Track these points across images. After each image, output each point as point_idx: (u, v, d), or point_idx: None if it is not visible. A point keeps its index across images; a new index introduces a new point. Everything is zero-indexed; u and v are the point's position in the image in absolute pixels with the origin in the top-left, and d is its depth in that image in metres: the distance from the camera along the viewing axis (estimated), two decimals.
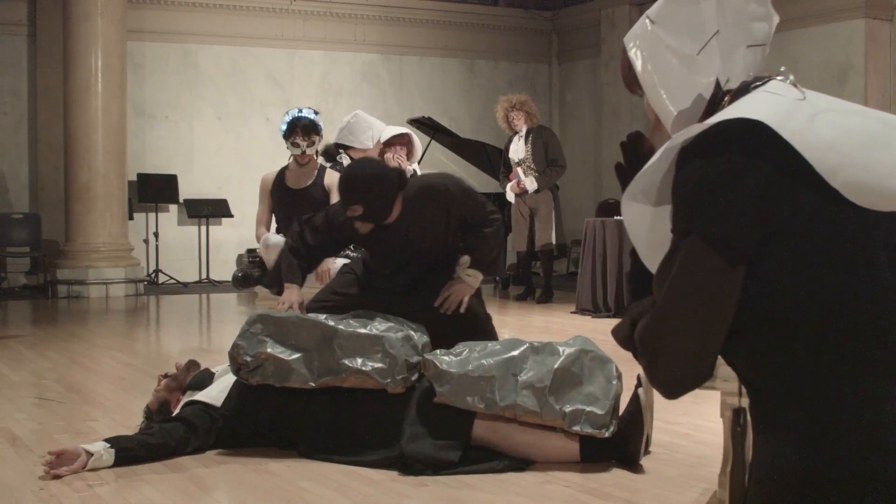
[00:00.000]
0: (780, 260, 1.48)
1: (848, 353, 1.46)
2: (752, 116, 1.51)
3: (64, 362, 6.38)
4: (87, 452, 3.62)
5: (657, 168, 1.62)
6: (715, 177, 1.50)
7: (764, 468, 1.51)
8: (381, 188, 4.24)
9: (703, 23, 1.69)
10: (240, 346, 3.89)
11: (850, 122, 1.55)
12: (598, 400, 3.66)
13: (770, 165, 1.49)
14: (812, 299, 1.47)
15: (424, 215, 4.35)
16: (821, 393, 1.46)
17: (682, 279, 1.52)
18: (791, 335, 1.48)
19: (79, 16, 10.95)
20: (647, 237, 1.70)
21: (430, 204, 4.35)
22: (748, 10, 1.73)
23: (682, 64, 1.70)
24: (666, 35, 1.72)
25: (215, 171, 12.78)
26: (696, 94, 1.67)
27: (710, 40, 1.68)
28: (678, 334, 1.53)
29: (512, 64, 14.65)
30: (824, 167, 1.47)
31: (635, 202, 1.68)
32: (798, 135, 1.49)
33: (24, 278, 12.10)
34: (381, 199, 4.25)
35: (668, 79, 1.71)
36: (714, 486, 2.88)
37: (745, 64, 1.72)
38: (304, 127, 5.88)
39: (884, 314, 1.47)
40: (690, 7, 1.70)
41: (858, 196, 1.48)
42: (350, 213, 4.28)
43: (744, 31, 1.72)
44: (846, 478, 1.43)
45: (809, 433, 1.46)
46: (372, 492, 3.43)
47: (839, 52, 10.98)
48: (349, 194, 4.26)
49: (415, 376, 3.85)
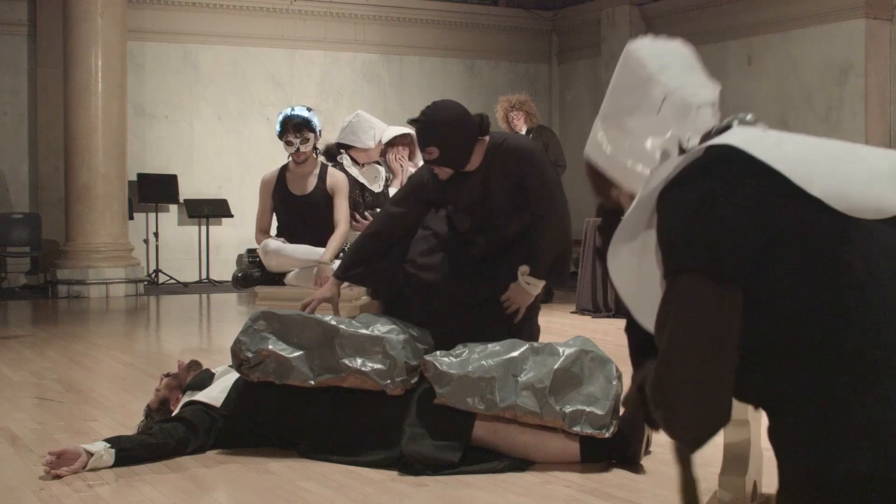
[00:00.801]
0: (775, 279, 1.48)
1: (852, 357, 1.46)
2: (722, 142, 1.54)
3: (64, 362, 6.38)
4: (87, 452, 3.62)
5: (637, 218, 1.64)
6: (697, 206, 1.51)
7: (802, 480, 1.49)
8: (458, 131, 4.15)
9: (651, 98, 1.78)
10: (242, 342, 3.90)
11: (814, 143, 1.60)
12: (598, 400, 3.66)
13: (749, 186, 1.51)
14: (813, 311, 1.47)
15: (505, 171, 4.21)
16: (831, 398, 1.46)
17: (683, 316, 1.51)
18: (797, 349, 1.48)
19: (79, 16, 10.95)
20: (635, 289, 1.70)
21: (511, 161, 4.21)
22: (689, 80, 1.81)
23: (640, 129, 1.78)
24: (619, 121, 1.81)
25: (215, 171, 12.78)
26: (661, 151, 1.71)
27: (662, 105, 1.76)
28: (689, 371, 1.51)
29: (512, 64, 14.65)
30: (799, 178, 1.50)
31: (620, 255, 1.69)
32: (768, 154, 1.52)
33: (24, 278, 12.10)
34: (458, 142, 4.15)
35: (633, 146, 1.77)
36: (714, 486, 2.88)
37: (699, 123, 1.77)
38: (295, 125, 5.76)
39: (882, 316, 1.47)
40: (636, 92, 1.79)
41: (839, 203, 1.49)
42: (427, 155, 4.19)
43: (690, 95, 1.79)
44: (852, 478, 1.43)
45: (831, 438, 1.46)
46: (372, 491, 3.43)
47: (839, 52, 10.97)
48: (426, 135, 4.16)
49: (414, 379, 3.85)
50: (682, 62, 1.83)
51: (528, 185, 4.20)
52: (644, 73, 1.78)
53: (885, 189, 1.53)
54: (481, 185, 4.23)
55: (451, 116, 4.17)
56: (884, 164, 1.57)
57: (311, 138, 5.79)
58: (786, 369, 1.49)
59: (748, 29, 11.84)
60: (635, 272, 1.68)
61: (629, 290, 1.71)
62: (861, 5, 10.76)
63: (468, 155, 4.19)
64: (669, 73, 1.78)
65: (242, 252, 12.57)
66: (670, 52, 1.84)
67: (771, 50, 11.63)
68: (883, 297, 1.48)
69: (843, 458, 1.44)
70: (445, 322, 4.21)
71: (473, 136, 4.19)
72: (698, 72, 1.85)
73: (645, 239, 1.65)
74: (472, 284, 4.29)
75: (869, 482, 1.42)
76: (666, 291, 1.55)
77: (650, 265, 1.64)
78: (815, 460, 1.46)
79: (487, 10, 14.53)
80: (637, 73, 1.79)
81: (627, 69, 1.82)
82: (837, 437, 1.45)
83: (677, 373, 1.52)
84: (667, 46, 1.85)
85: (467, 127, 4.17)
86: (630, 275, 1.70)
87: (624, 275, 1.71)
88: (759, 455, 2.88)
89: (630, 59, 1.82)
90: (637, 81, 1.79)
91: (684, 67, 1.82)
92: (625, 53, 1.84)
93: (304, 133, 5.74)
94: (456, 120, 4.16)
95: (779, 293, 1.48)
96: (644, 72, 1.78)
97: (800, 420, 1.48)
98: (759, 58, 11.79)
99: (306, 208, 5.79)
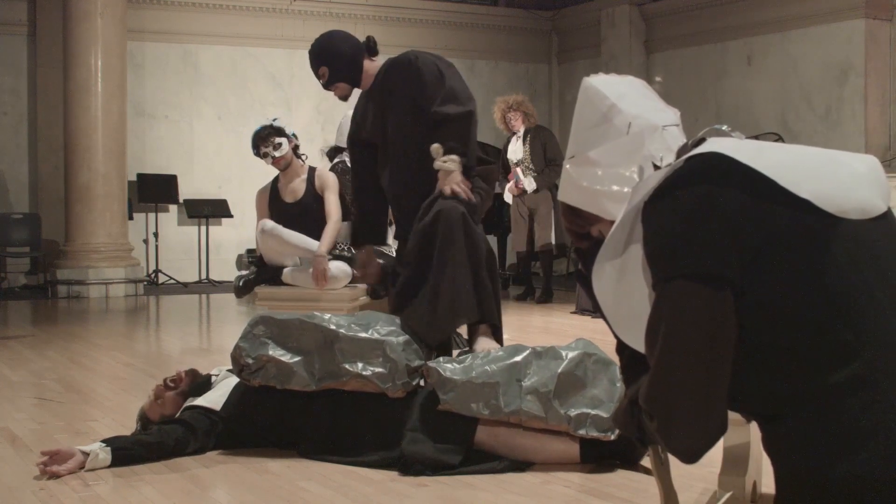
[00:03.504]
0: (766, 282, 1.48)
1: (847, 358, 1.46)
2: (706, 150, 1.55)
3: (64, 362, 6.37)
4: (82, 453, 3.61)
5: (620, 234, 1.63)
6: (685, 212, 1.51)
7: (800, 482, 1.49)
8: (342, 48, 4.55)
9: (617, 126, 1.82)
10: (242, 348, 3.89)
11: (793, 149, 1.62)
12: (602, 403, 3.65)
13: (736, 190, 1.51)
14: (806, 312, 1.47)
15: (395, 84, 4.49)
16: (827, 400, 1.46)
17: (676, 322, 1.50)
18: (793, 353, 1.48)
19: (79, 15, 10.95)
20: (616, 307, 1.70)
21: (398, 73, 4.49)
22: (649, 106, 1.87)
23: (611, 156, 1.84)
24: (588, 156, 1.85)
25: (215, 172, 12.77)
26: (637, 168, 1.74)
27: (629, 128, 1.81)
28: (684, 378, 1.50)
29: (512, 64, 14.65)
30: (786, 182, 1.50)
31: (604, 274, 1.69)
32: (752, 160, 1.53)
33: (24, 278, 12.10)
34: (344, 58, 4.54)
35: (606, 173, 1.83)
36: (714, 486, 2.88)
37: (669, 141, 1.81)
38: (262, 137, 6.01)
39: (873, 315, 1.48)
40: (601, 125, 1.84)
41: (828, 204, 1.50)
42: (321, 80, 4.62)
43: (654, 118, 1.84)
44: (851, 480, 1.43)
45: (828, 439, 1.45)
46: (372, 492, 3.42)
47: (839, 52, 10.97)
48: (314, 60, 4.63)
49: (416, 381, 3.85)
50: (637, 92, 1.88)
51: (422, 93, 4.40)
52: (606, 102, 1.83)
53: (867, 190, 1.56)
54: (379, 102, 4.54)
55: (333, 37, 4.65)
56: (861, 167, 1.60)
57: (282, 143, 6.01)
58: (781, 372, 1.49)
59: (748, 29, 11.83)
60: (616, 289, 1.68)
61: (612, 309, 1.70)
62: (861, 5, 10.76)
63: (358, 71, 4.57)
64: (628, 101, 1.84)
65: (242, 252, 12.57)
66: (626, 84, 1.90)
67: (771, 50, 11.63)
68: (871, 297, 1.48)
69: (841, 459, 1.44)
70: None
71: (359, 52, 4.57)
72: (656, 99, 1.90)
73: (627, 255, 1.64)
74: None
75: (867, 483, 1.42)
76: (656, 300, 1.53)
77: (630, 282, 1.64)
78: (813, 462, 1.46)
79: (487, 10, 14.53)
80: (598, 105, 1.84)
81: (589, 103, 1.87)
82: (835, 439, 1.45)
83: (672, 379, 1.51)
84: (622, 80, 1.91)
85: (352, 44, 4.59)
86: (612, 290, 1.69)
87: (608, 294, 1.70)
88: (758, 455, 2.87)
89: (590, 93, 1.87)
90: (599, 114, 1.84)
91: (641, 95, 1.88)
92: (582, 89, 1.89)
93: (273, 140, 5.99)
94: (339, 39, 4.62)
95: (771, 296, 1.48)
96: (606, 102, 1.83)
97: (797, 422, 1.48)
98: (758, 58, 11.79)
99: (300, 213, 5.88)
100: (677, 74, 12.82)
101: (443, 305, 4.14)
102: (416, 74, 4.41)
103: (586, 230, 1.86)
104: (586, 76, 1.92)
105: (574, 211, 1.86)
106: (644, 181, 1.61)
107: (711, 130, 1.69)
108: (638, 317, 1.59)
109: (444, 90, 4.36)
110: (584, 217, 1.84)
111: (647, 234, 1.55)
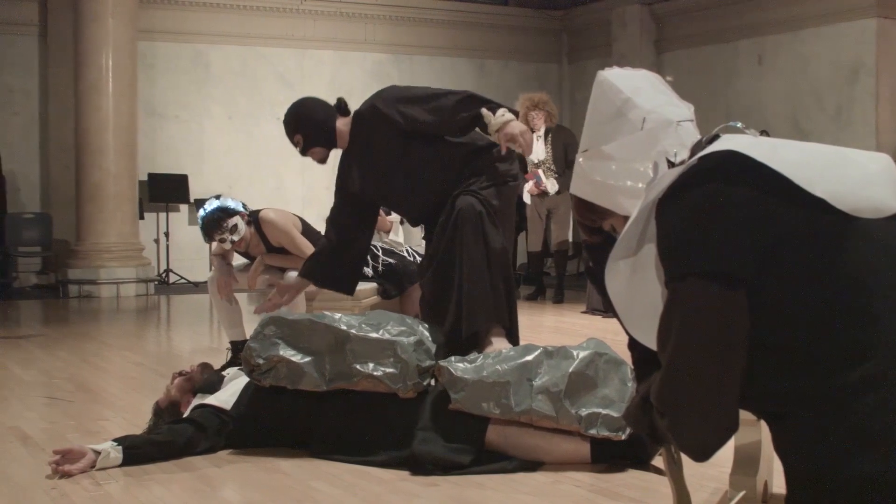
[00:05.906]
0: (779, 280, 1.47)
1: (860, 358, 1.46)
2: (720, 148, 1.54)
3: (75, 362, 6.39)
4: (94, 451, 3.62)
5: (634, 231, 1.63)
6: (699, 210, 1.50)
7: (807, 482, 1.48)
8: (315, 114, 4.60)
9: (631, 120, 1.83)
10: (252, 349, 3.89)
11: (807, 147, 1.61)
12: (613, 403, 3.65)
13: (750, 188, 1.50)
14: (818, 312, 1.47)
15: (373, 133, 4.52)
16: (835, 400, 1.46)
17: (688, 319, 1.49)
18: (806, 352, 1.47)
19: (89, 16, 10.98)
20: (629, 304, 1.69)
21: (372, 116, 4.53)
22: (663, 101, 1.87)
23: (625, 151, 1.83)
24: (602, 150, 1.84)
25: (226, 171, 12.80)
26: (652, 164, 1.73)
27: (644, 123, 1.81)
28: (696, 376, 1.49)
29: (522, 64, 14.64)
30: (801, 180, 1.50)
31: (617, 272, 1.68)
32: (767, 158, 1.52)
33: (35, 278, 12.14)
34: (318, 124, 4.58)
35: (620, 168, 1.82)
36: (725, 486, 2.87)
37: (683, 137, 1.81)
38: (210, 225, 5.40)
39: (885, 316, 1.47)
40: (614, 119, 1.84)
41: (842, 203, 1.50)
42: (297, 147, 4.64)
43: (668, 113, 1.84)
44: (858, 480, 1.43)
45: (836, 439, 1.45)
46: (382, 491, 3.42)
47: (850, 51, 10.94)
48: (288, 129, 4.67)
49: (427, 380, 3.85)
50: (652, 86, 1.87)
51: (404, 115, 4.44)
52: (621, 97, 1.82)
53: (880, 189, 1.55)
54: (358, 154, 4.58)
55: (304, 104, 4.68)
56: (875, 166, 1.59)
57: (237, 223, 5.42)
58: (793, 371, 1.48)
59: (759, 28, 11.81)
60: (628, 287, 1.67)
61: (624, 306, 1.70)
62: (872, 5, 10.72)
63: (331, 133, 4.59)
64: (643, 96, 1.83)
65: None
66: (641, 78, 1.89)
67: (782, 49, 11.60)
68: (885, 296, 1.48)
69: (852, 459, 1.43)
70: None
71: (331, 116, 4.60)
72: (670, 94, 1.89)
73: (641, 253, 1.64)
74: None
75: (874, 484, 1.42)
76: (669, 298, 1.53)
77: (643, 279, 1.63)
78: (824, 462, 1.45)
79: (497, 9, 14.53)
80: (613, 99, 1.83)
81: (603, 96, 1.86)
82: (846, 439, 1.44)
83: (683, 378, 1.50)
84: (637, 73, 1.90)
85: (323, 109, 4.63)
86: (626, 287, 1.68)
87: (621, 291, 1.69)
88: (769, 455, 2.87)
89: (604, 86, 1.86)
90: (614, 107, 1.82)
91: (656, 90, 1.86)
92: (597, 83, 1.88)
93: (225, 224, 5.40)
94: (310, 106, 4.66)
95: (783, 295, 1.47)
96: (620, 96, 1.82)
97: (808, 422, 1.47)
98: (769, 57, 11.76)
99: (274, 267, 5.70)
100: (688, 74, 12.79)
101: (460, 308, 4.31)
102: (384, 118, 4.48)
103: (598, 224, 1.85)
104: (601, 70, 1.91)
105: (586, 205, 1.86)
106: (658, 179, 1.60)
107: (726, 127, 1.69)
108: (650, 314, 1.59)
109: (428, 103, 4.44)
110: (597, 211, 1.84)
111: (660, 232, 1.54)
